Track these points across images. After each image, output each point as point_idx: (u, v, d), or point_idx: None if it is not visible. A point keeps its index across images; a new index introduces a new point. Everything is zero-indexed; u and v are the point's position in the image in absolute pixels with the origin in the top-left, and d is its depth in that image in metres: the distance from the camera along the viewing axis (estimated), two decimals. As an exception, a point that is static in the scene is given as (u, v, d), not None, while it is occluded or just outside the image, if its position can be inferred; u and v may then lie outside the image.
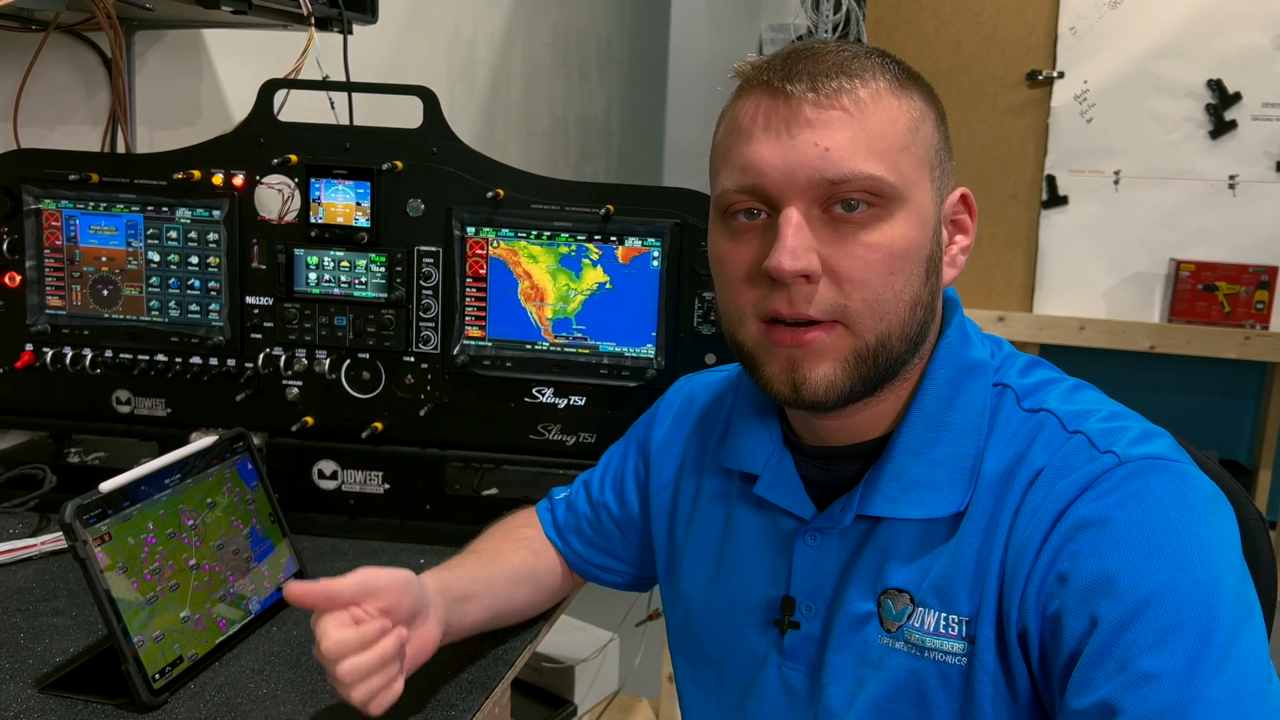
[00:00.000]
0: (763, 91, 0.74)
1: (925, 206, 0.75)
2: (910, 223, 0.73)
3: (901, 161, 0.73)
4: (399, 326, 1.21)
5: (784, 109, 0.73)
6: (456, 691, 0.91)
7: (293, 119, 1.23)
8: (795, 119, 0.72)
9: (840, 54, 0.74)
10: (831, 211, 0.72)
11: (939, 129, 0.77)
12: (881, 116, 0.73)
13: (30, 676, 0.90)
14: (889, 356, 0.75)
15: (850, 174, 0.71)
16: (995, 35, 2.71)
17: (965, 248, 0.81)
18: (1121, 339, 2.72)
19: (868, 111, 0.72)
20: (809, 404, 0.75)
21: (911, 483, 0.77)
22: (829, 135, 0.72)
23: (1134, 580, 0.65)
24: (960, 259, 0.80)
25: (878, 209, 0.72)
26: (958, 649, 0.73)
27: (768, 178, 0.73)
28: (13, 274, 1.25)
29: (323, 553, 1.19)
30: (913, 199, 0.74)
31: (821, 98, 0.72)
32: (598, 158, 3.58)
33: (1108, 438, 0.72)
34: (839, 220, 0.72)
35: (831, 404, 0.75)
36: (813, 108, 0.72)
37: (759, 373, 0.77)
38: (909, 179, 0.73)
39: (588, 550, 1.03)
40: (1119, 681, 0.62)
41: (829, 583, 0.81)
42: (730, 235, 0.77)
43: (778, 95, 0.73)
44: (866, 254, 0.72)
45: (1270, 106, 2.59)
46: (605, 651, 2.23)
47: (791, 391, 0.75)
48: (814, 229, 0.72)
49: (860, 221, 0.72)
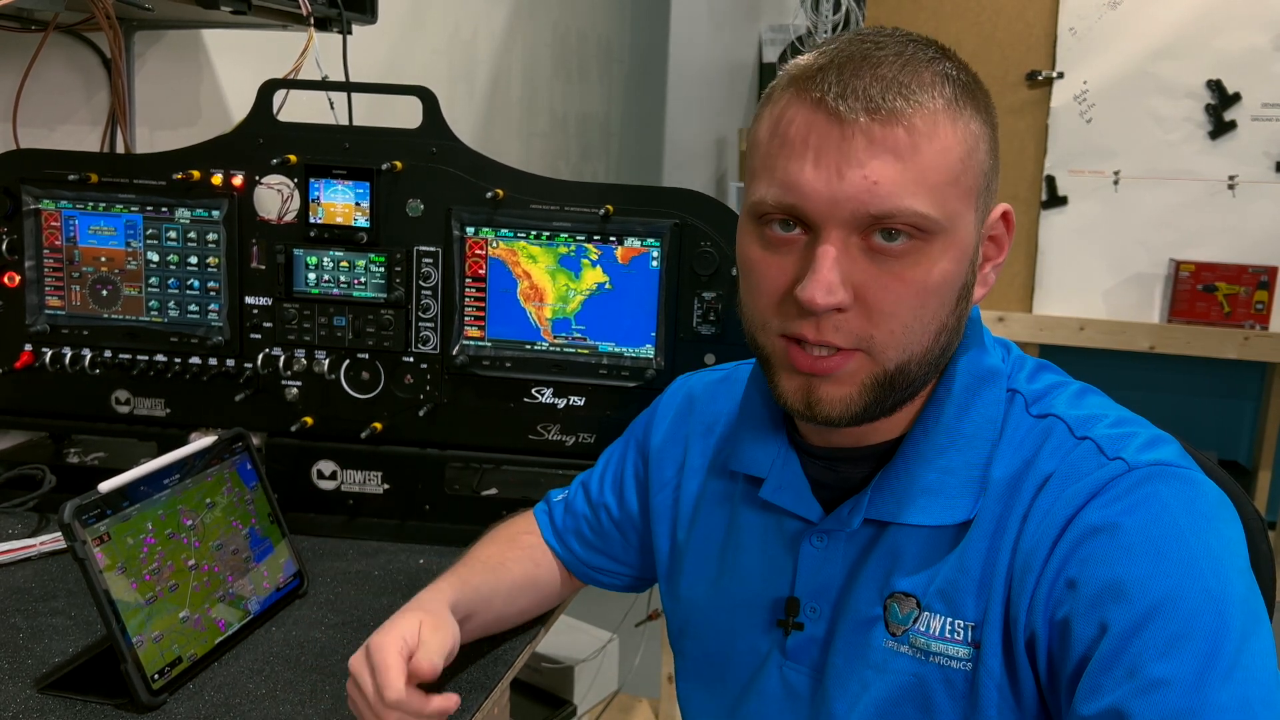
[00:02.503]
0: (814, 108, 0.70)
1: (966, 237, 0.73)
2: (949, 255, 0.71)
3: (949, 195, 0.70)
4: (398, 327, 1.21)
5: (836, 135, 0.69)
6: (456, 691, 0.90)
7: (292, 119, 1.23)
8: (846, 149, 0.69)
9: (900, 67, 0.70)
10: (871, 240, 0.70)
11: (991, 148, 0.74)
12: (935, 148, 0.70)
13: (29, 676, 0.90)
14: (907, 381, 0.74)
15: (895, 210, 0.68)
16: (995, 35, 2.71)
17: (997, 265, 0.79)
18: (1121, 339, 2.72)
19: (921, 144, 0.69)
20: (822, 422, 0.75)
21: (922, 489, 0.76)
22: (878, 168, 0.68)
23: (1144, 587, 0.65)
24: (991, 277, 0.79)
25: (918, 242, 0.70)
26: (963, 654, 0.73)
27: (811, 203, 0.70)
28: (12, 274, 1.25)
29: (322, 553, 1.19)
30: (955, 232, 0.72)
31: (875, 125, 0.68)
32: (597, 158, 3.58)
33: (1116, 444, 0.72)
34: (877, 250, 0.70)
35: (845, 423, 0.75)
36: (864, 137, 0.68)
37: (774, 382, 0.77)
38: (954, 212, 0.71)
39: (587, 553, 1.03)
40: (1129, 688, 0.62)
41: (835, 585, 0.81)
42: (763, 243, 0.74)
43: (831, 116, 0.69)
44: (901, 288, 0.70)
45: (1270, 107, 2.59)
46: (605, 652, 2.23)
47: (806, 409, 0.74)
48: (850, 256, 0.70)
49: (898, 254, 0.70)
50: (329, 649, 0.98)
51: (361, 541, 1.23)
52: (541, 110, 3.03)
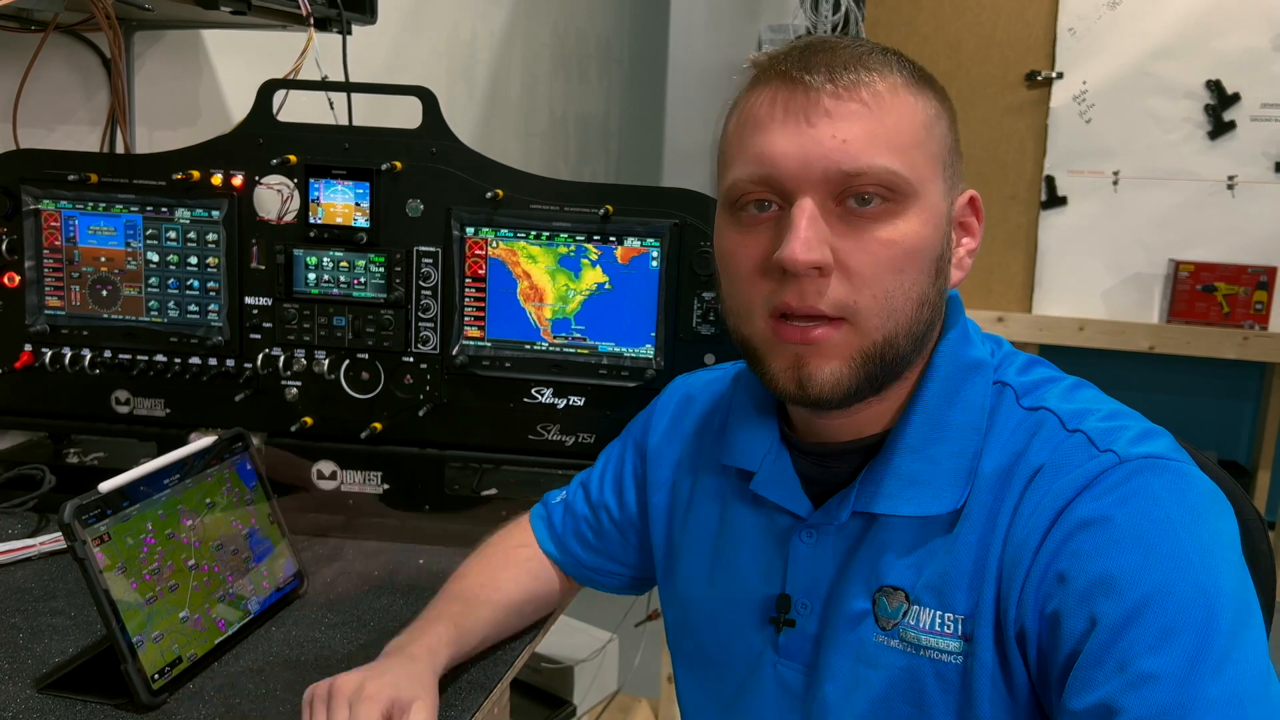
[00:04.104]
0: (780, 81, 0.74)
1: (937, 205, 0.75)
2: (922, 220, 0.73)
3: (916, 158, 0.73)
4: (398, 327, 1.21)
5: (802, 98, 0.72)
6: (456, 691, 0.91)
7: (292, 119, 1.23)
8: (814, 108, 0.72)
9: (857, 48, 0.74)
10: (845, 205, 0.72)
11: (951, 130, 0.77)
12: (899, 111, 0.73)
13: (29, 677, 0.90)
14: (895, 355, 0.75)
15: (867, 166, 0.71)
16: (994, 36, 2.71)
17: (972, 250, 0.81)
18: (1121, 339, 2.72)
19: (885, 105, 0.72)
20: (814, 401, 0.75)
21: (909, 480, 0.76)
22: (847, 127, 0.71)
23: (1134, 580, 0.65)
24: (966, 261, 0.80)
25: (891, 204, 0.72)
26: (954, 647, 0.73)
27: (782, 168, 0.72)
28: (12, 274, 1.25)
29: (322, 553, 1.19)
30: (925, 196, 0.74)
31: (840, 89, 0.72)
32: (597, 158, 3.58)
33: (1107, 436, 0.72)
34: (852, 215, 0.72)
35: (837, 402, 0.75)
36: (831, 99, 0.72)
37: (764, 368, 0.77)
38: (923, 175, 0.73)
39: (587, 554, 1.03)
40: (1118, 682, 0.62)
41: (825, 580, 0.81)
42: (739, 227, 0.76)
43: (795, 85, 0.73)
44: (879, 250, 0.72)
45: (1269, 107, 2.59)
46: (604, 652, 2.23)
47: (797, 388, 0.75)
48: (827, 222, 0.72)
49: (873, 216, 0.72)
50: (329, 649, 0.98)
51: (361, 541, 1.23)
52: (541, 110, 3.04)
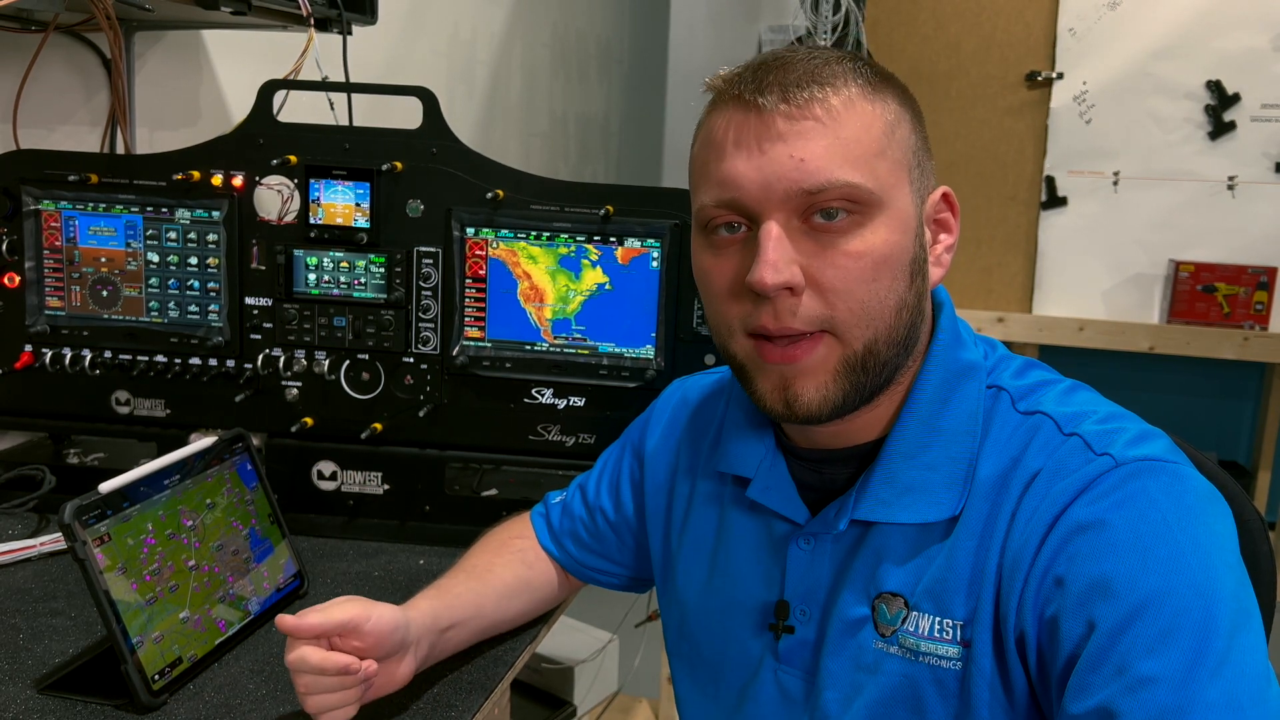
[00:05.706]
0: (735, 105, 0.74)
1: (905, 210, 0.75)
2: (891, 228, 0.73)
3: (878, 167, 0.73)
4: (398, 327, 1.21)
5: (756, 122, 0.72)
6: (456, 692, 0.91)
7: (292, 120, 1.23)
8: (768, 132, 0.72)
9: (811, 62, 0.74)
10: (811, 221, 0.72)
11: (915, 130, 0.77)
12: (856, 123, 0.72)
13: (29, 677, 0.90)
14: (877, 362, 0.74)
15: (827, 183, 0.71)
16: (994, 36, 2.71)
17: (950, 246, 0.80)
18: (1121, 340, 2.72)
19: (841, 119, 0.72)
20: (803, 420, 0.75)
21: (905, 487, 0.76)
22: (803, 146, 0.71)
23: (1131, 583, 0.65)
24: (945, 258, 0.80)
25: (857, 216, 0.72)
26: (952, 653, 0.73)
27: (744, 191, 0.72)
28: (12, 275, 1.25)
29: (322, 553, 1.19)
30: (892, 204, 0.73)
31: (793, 108, 0.72)
32: (597, 158, 3.58)
33: (1104, 439, 0.72)
34: (819, 230, 0.72)
35: (825, 417, 0.75)
36: (785, 119, 0.72)
37: (752, 388, 0.77)
38: (887, 184, 0.73)
39: (583, 554, 1.03)
40: (1117, 685, 0.62)
41: (823, 587, 0.81)
42: (713, 250, 0.77)
43: (749, 109, 0.73)
44: (849, 263, 0.72)
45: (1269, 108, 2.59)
46: (604, 652, 2.23)
47: (785, 409, 0.75)
48: (795, 240, 0.72)
49: (841, 230, 0.72)
50: (329, 649, 0.98)
51: (361, 542, 1.23)
52: (541, 111, 3.04)
